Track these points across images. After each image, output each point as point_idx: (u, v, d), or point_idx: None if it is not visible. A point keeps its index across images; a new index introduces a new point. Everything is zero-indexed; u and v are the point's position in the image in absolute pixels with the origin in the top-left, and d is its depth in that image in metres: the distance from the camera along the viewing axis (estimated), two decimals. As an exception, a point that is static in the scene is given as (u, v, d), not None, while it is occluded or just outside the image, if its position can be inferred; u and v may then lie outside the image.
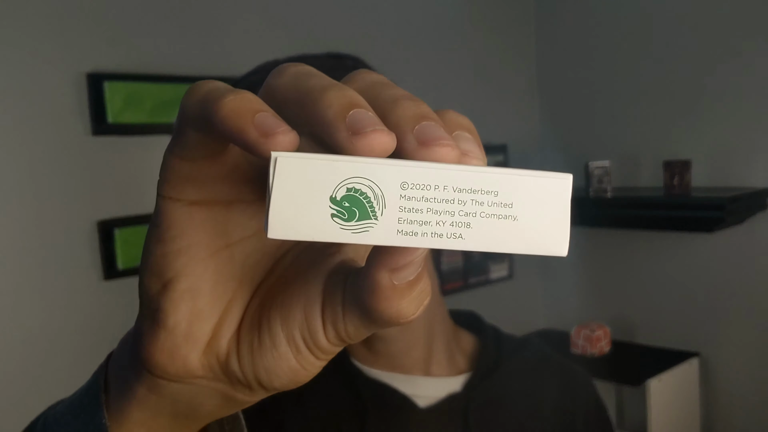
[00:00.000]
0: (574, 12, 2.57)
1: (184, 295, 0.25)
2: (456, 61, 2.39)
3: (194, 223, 0.25)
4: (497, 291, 2.54)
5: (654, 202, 2.21)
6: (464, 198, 0.19)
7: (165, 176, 0.24)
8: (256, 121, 0.20)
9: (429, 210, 0.19)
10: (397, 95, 0.22)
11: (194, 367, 0.25)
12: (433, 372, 0.67)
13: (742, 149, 2.20)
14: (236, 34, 1.81)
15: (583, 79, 2.56)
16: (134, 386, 0.27)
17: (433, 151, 0.20)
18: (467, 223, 0.19)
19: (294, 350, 0.25)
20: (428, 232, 0.19)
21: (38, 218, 1.52)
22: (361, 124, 0.20)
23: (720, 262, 2.27)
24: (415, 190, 0.19)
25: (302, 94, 0.21)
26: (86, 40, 1.58)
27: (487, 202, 0.19)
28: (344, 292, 0.24)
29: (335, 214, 0.19)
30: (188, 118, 0.22)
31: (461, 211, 0.19)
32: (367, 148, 0.19)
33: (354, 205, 0.19)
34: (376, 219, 0.19)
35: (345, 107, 0.20)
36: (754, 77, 2.15)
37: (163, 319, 0.25)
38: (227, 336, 0.25)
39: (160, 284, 0.25)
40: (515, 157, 2.59)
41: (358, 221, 0.19)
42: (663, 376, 2.17)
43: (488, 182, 0.19)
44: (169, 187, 0.24)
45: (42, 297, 1.53)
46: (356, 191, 0.19)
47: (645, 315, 2.48)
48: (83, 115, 1.58)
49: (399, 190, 0.19)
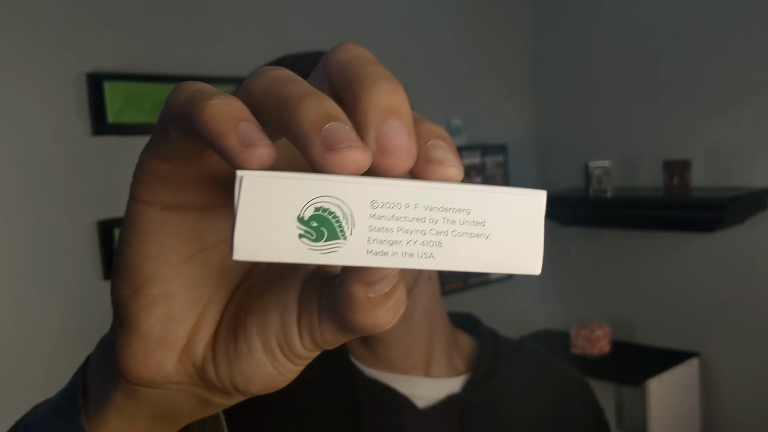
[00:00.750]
0: (573, 12, 2.57)
1: (156, 299, 0.24)
2: (456, 61, 2.39)
3: (167, 227, 0.24)
4: (497, 291, 2.54)
5: (654, 202, 2.21)
6: (436, 216, 0.18)
7: (139, 178, 0.24)
8: (239, 129, 0.20)
9: (399, 229, 0.18)
10: (377, 74, 0.21)
11: (169, 373, 0.25)
12: (433, 373, 0.67)
13: (742, 149, 2.20)
14: (236, 35, 1.81)
15: (583, 79, 2.56)
16: (111, 392, 0.27)
17: (393, 163, 0.20)
18: (439, 242, 0.19)
19: (270, 357, 0.24)
20: (399, 252, 0.18)
21: (38, 218, 1.52)
22: (336, 139, 0.19)
23: (720, 262, 2.27)
24: (385, 208, 0.18)
25: (279, 101, 0.21)
26: (86, 40, 1.58)
27: (459, 220, 0.19)
28: (320, 299, 0.24)
29: (303, 234, 0.18)
30: (171, 117, 0.22)
31: (432, 230, 0.18)
32: (340, 165, 0.19)
33: (322, 225, 0.18)
34: (345, 239, 0.18)
35: (321, 118, 0.19)
36: (754, 77, 2.15)
37: (136, 324, 0.24)
38: (203, 341, 0.25)
39: (131, 289, 0.24)
40: (515, 157, 2.59)
41: (326, 241, 0.18)
42: (663, 376, 2.17)
43: (460, 200, 0.18)
44: (143, 188, 0.24)
45: (42, 296, 1.53)
46: (324, 210, 0.18)
47: (645, 315, 2.48)
48: (83, 115, 1.58)
49: (369, 209, 0.18)
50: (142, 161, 0.24)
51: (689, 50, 2.28)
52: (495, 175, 2.52)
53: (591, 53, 2.53)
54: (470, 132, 2.43)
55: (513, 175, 2.59)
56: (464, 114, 2.41)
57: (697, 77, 2.27)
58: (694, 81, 2.27)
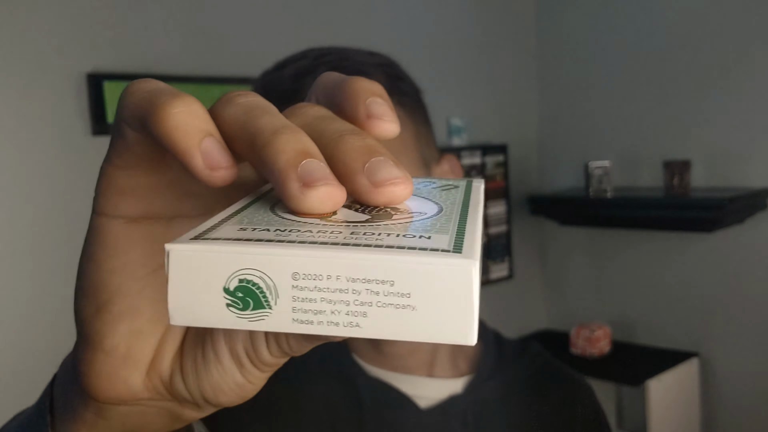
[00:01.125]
0: (574, 12, 2.57)
1: (121, 315, 0.24)
2: (456, 61, 2.39)
3: (131, 241, 0.23)
4: (497, 291, 2.54)
5: (654, 202, 2.21)
6: (358, 288, 0.18)
7: (101, 189, 0.23)
8: (203, 148, 0.20)
9: (323, 299, 0.18)
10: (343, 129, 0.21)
11: (137, 390, 0.25)
12: (436, 373, 0.67)
13: (742, 149, 2.20)
14: (236, 34, 1.81)
15: (583, 79, 2.56)
16: (80, 410, 0.26)
17: (385, 193, 0.20)
18: (363, 312, 0.18)
19: (238, 365, 0.24)
20: (324, 321, 0.18)
21: (38, 218, 1.52)
22: (313, 177, 0.19)
23: (720, 262, 2.27)
24: (307, 280, 0.18)
25: (252, 133, 0.20)
26: (86, 40, 1.58)
27: (383, 291, 0.18)
28: None
29: (230, 303, 0.18)
30: (129, 120, 0.21)
31: (356, 301, 0.18)
32: (317, 201, 0.19)
33: (247, 296, 0.18)
34: (271, 308, 0.18)
35: (297, 154, 0.20)
36: (754, 77, 2.15)
37: (100, 342, 0.24)
38: (170, 355, 0.25)
39: (95, 306, 0.24)
40: (515, 157, 2.59)
41: (253, 310, 0.18)
42: (663, 376, 2.17)
43: (383, 272, 0.18)
44: (105, 201, 0.23)
45: (42, 298, 1.53)
46: (248, 282, 0.18)
47: (645, 315, 2.48)
48: (83, 115, 1.58)
49: (291, 281, 0.18)
50: (102, 173, 0.23)
51: (689, 50, 2.28)
52: (495, 175, 2.52)
53: (591, 53, 2.53)
54: (470, 132, 2.43)
55: (513, 175, 2.59)
56: (464, 114, 2.41)
57: (697, 77, 2.27)
58: (694, 81, 2.28)
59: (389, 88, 0.60)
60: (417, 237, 0.19)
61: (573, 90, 2.60)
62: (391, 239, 0.19)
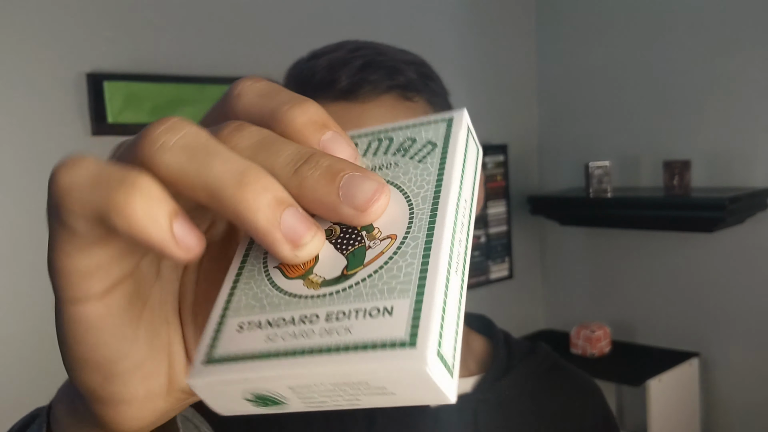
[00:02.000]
0: (574, 12, 2.57)
1: (129, 371, 0.24)
2: (456, 61, 2.39)
3: (111, 312, 0.22)
4: (497, 291, 2.54)
5: (654, 202, 2.21)
6: (344, 389, 0.20)
7: (60, 283, 0.21)
8: (175, 233, 0.19)
9: (322, 395, 0.21)
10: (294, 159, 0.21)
11: (165, 412, 0.25)
12: None
13: (742, 149, 2.21)
14: (236, 35, 1.81)
15: (583, 80, 2.56)
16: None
17: (371, 214, 0.21)
18: (357, 398, 0.21)
19: None
20: (330, 403, 0.21)
21: (38, 218, 1.52)
22: (298, 234, 0.20)
23: (720, 262, 2.27)
24: (302, 389, 0.21)
25: (211, 188, 0.20)
26: (86, 40, 1.58)
27: (363, 389, 0.20)
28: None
29: (253, 402, 0.22)
30: (78, 212, 0.20)
31: (348, 394, 0.21)
32: (307, 256, 0.21)
33: (265, 399, 0.21)
34: (287, 403, 0.22)
35: (273, 210, 0.20)
36: (754, 77, 2.15)
37: (120, 398, 0.24)
38: (181, 364, 0.25)
39: (101, 376, 0.23)
40: (515, 157, 2.59)
41: (273, 406, 0.22)
42: (663, 376, 2.17)
43: (355, 378, 0.20)
44: (72, 288, 0.21)
45: (42, 298, 1.52)
46: (260, 395, 0.21)
47: (645, 315, 2.48)
48: (83, 115, 1.58)
49: (290, 391, 0.21)
50: (54, 264, 0.21)
51: (689, 51, 2.28)
52: (495, 175, 2.52)
53: (592, 53, 2.53)
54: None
55: (513, 175, 2.59)
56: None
57: (697, 78, 2.27)
58: (694, 81, 2.28)
59: (421, 86, 0.62)
60: (381, 314, 0.20)
61: (573, 90, 2.60)
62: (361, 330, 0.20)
